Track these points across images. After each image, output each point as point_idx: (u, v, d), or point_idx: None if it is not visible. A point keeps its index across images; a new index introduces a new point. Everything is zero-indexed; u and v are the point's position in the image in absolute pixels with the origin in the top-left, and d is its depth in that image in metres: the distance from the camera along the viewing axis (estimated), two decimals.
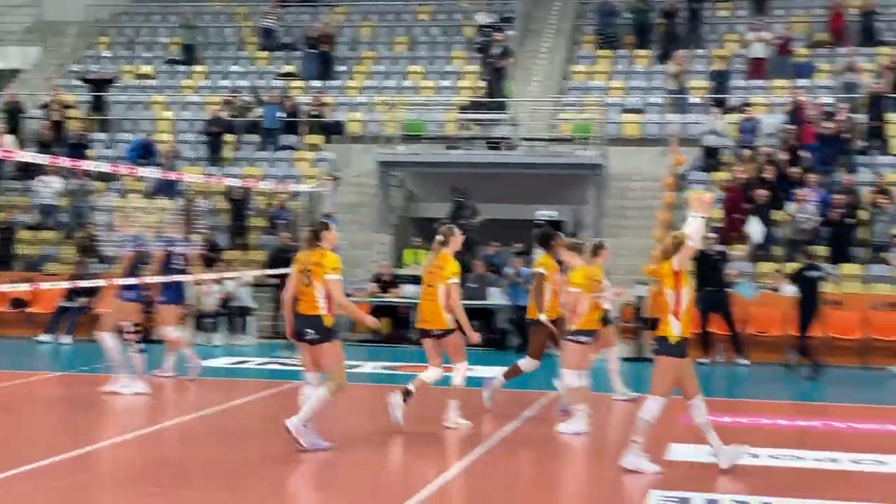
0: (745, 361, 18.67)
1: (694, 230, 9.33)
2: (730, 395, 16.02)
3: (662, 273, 9.43)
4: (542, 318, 12.33)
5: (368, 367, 17.34)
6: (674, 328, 9.29)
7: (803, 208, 20.87)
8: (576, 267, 11.73)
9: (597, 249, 12.27)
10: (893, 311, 19.23)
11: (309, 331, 10.00)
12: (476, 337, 11.64)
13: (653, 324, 12.01)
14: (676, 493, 8.77)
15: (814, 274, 17.64)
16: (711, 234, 19.09)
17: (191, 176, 19.79)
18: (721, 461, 9.60)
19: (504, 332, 20.74)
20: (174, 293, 14.90)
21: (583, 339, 11.51)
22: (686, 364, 9.41)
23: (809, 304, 17.47)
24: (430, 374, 11.67)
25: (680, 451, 10.49)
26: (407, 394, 11.66)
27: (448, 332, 11.47)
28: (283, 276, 17.86)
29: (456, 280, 11.38)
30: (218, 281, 20.37)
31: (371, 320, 11.36)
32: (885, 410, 14.37)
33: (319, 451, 10.08)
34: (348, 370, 16.59)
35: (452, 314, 11.37)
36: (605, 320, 13.16)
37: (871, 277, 20.51)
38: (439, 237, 11.78)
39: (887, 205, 20.84)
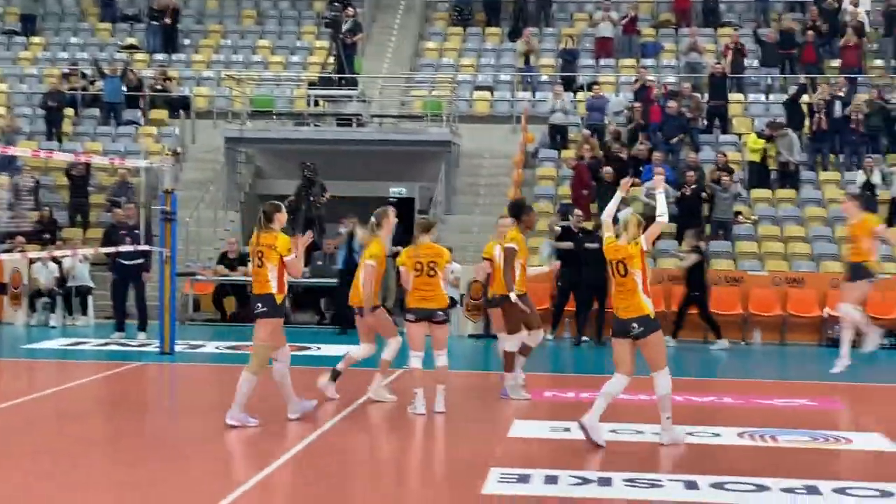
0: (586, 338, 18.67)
1: (663, 207, 9.92)
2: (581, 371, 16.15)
3: (630, 254, 9.63)
4: (513, 297, 11.67)
5: (211, 347, 16.93)
6: (649, 305, 9.65)
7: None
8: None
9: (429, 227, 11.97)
10: (734, 286, 19.65)
11: (259, 305, 10.28)
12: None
13: (497, 302, 11.99)
14: (516, 469, 8.73)
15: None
16: (577, 213, 19.17)
17: (27, 151, 19.02)
18: (664, 438, 9.81)
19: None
20: None
21: (409, 317, 11.40)
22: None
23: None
24: (360, 350, 11.89)
25: (523, 428, 10.46)
26: (336, 374, 11.87)
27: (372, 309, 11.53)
28: (115, 256, 17.41)
29: (371, 262, 11.48)
30: (55, 259, 19.68)
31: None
32: (702, 382, 14.60)
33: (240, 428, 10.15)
34: (191, 350, 16.42)
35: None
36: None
37: (713, 253, 20.89)
38: (373, 219, 11.65)
39: (730, 183, 21.27)
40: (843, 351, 14.32)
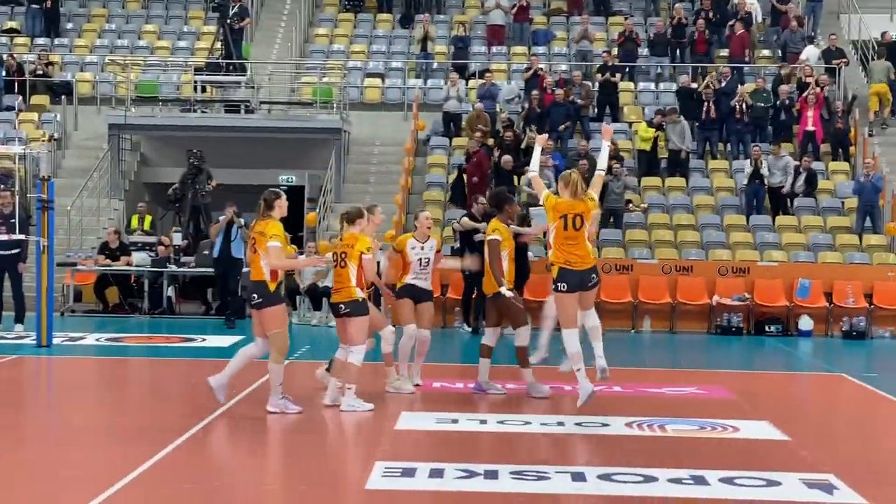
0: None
1: (604, 159, 10.83)
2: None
3: (588, 208, 10.16)
4: (503, 290, 11.10)
5: (91, 339, 16.39)
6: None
7: (544, 174, 21.03)
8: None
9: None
10: (623, 274, 19.69)
11: (254, 296, 10.20)
12: None
13: (426, 296, 11.76)
14: (402, 463, 8.51)
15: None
16: (481, 199, 18.88)
17: None
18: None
19: (242, 300, 20.06)
20: None
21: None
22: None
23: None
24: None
25: (410, 420, 10.24)
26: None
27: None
28: None
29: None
30: None
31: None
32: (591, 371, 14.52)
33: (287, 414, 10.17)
34: (70, 343, 15.88)
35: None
36: None
37: (603, 241, 20.93)
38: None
39: (621, 171, 21.29)
40: None
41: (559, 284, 10.24)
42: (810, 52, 25.08)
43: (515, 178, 21.28)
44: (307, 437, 9.70)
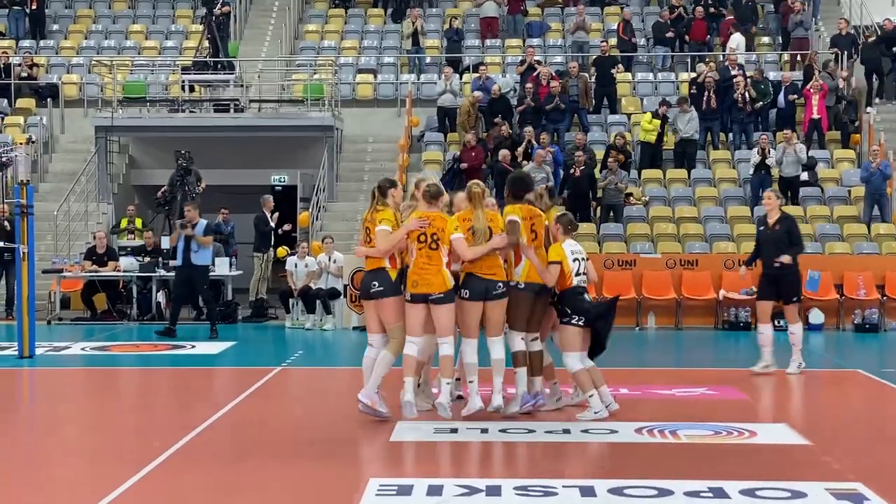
0: None
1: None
2: None
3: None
4: (521, 285, 10.04)
5: (77, 349, 15.79)
6: None
7: (542, 168, 20.51)
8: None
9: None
10: (626, 270, 19.10)
11: (374, 283, 9.79)
12: None
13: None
14: (398, 480, 7.94)
15: None
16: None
17: None
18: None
19: (235, 304, 19.53)
20: None
21: None
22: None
23: None
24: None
25: (406, 431, 9.61)
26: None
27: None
28: None
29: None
30: None
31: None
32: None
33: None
34: (54, 353, 15.29)
35: None
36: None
37: (604, 236, 20.40)
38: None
39: (615, 166, 20.72)
40: None
41: (462, 291, 9.75)
42: (738, 40, 24.47)
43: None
44: (297, 452, 9.05)
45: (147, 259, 19.64)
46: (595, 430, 9.64)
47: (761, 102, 22.51)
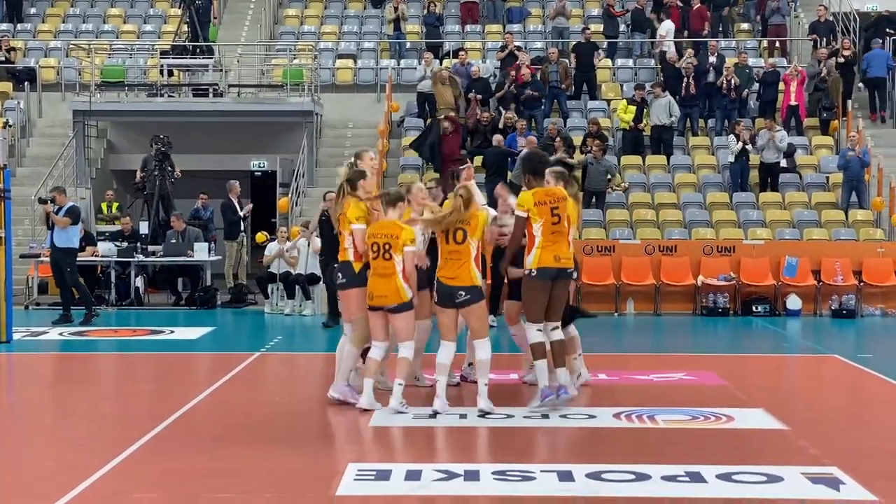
0: None
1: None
2: None
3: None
4: (533, 272, 9.63)
5: (54, 334, 15.72)
6: None
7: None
8: None
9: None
10: (605, 256, 19.14)
11: (339, 275, 9.94)
12: None
13: None
14: (376, 465, 7.95)
15: None
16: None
17: None
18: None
19: (214, 289, 19.48)
20: None
21: None
22: None
23: None
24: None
25: (386, 417, 9.59)
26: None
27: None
28: None
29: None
30: None
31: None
32: None
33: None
34: (32, 338, 15.22)
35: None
36: None
37: (583, 222, 20.39)
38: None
39: (599, 153, 20.71)
40: None
41: (433, 294, 9.65)
42: (667, 27, 24.47)
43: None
44: (275, 437, 9.05)
45: (125, 244, 19.59)
46: (573, 415, 9.65)
47: (746, 89, 22.56)
